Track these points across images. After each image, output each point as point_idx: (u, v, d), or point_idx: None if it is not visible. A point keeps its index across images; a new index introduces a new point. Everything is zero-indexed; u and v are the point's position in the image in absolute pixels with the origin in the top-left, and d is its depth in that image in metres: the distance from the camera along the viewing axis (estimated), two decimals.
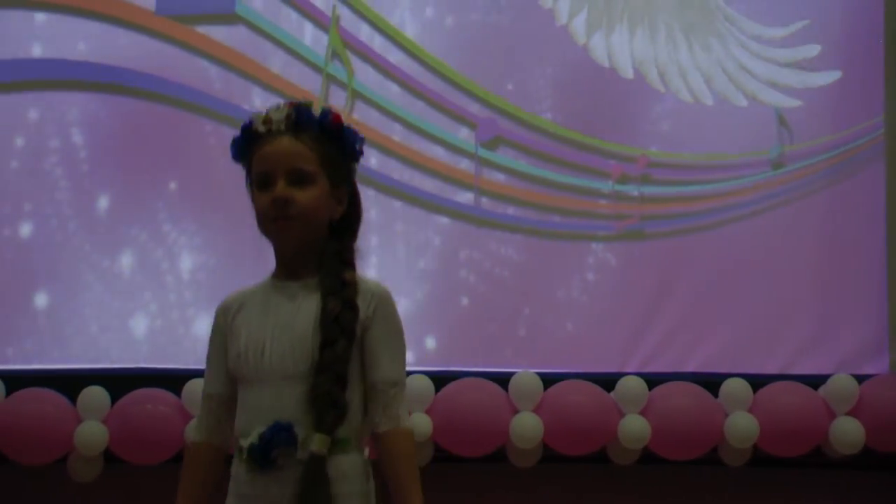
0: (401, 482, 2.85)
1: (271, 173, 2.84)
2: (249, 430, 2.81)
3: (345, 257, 2.91)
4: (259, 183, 2.87)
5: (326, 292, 2.84)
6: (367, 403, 2.86)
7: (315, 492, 2.76)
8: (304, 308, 2.85)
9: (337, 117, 2.94)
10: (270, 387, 2.82)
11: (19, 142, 5.24)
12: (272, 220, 2.84)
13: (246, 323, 2.89)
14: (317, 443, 2.75)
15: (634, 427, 5.12)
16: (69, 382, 5.02)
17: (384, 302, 2.92)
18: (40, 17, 5.30)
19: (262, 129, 2.89)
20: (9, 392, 4.99)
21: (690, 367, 5.43)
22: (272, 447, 2.77)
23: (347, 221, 2.95)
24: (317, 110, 2.93)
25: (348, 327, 2.82)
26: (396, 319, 2.93)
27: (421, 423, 5.04)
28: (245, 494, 2.82)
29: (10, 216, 5.21)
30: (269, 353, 2.84)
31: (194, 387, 4.79)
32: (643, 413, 5.17)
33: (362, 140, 2.99)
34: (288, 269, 2.91)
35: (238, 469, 2.84)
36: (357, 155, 2.98)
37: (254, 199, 2.89)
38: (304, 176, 2.85)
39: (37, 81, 5.27)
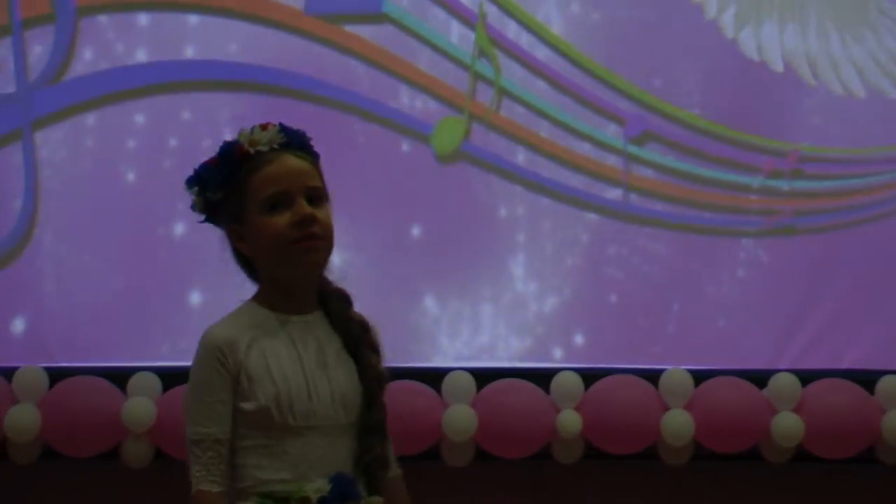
0: None
1: (287, 193, 2.67)
2: (300, 480, 2.65)
3: (344, 294, 2.79)
4: (269, 206, 2.67)
5: (354, 342, 2.74)
6: None
7: None
8: (332, 352, 2.73)
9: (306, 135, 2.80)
10: (322, 436, 2.67)
11: (172, 142, 5.31)
12: (294, 243, 2.66)
13: (273, 364, 2.68)
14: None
15: (788, 425, 5.06)
16: None
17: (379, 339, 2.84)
18: (193, 19, 5.37)
19: (251, 150, 2.71)
20: (165, 389, 5.07)
21: (845, 364, 5.34)
22: (345, 502, 2.65)
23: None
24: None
25: (384, 378, 2.75)
26: None
27: (571, 420, 5.03)
28: None
29: (165, 215, 5.28)
30: (316, 400, 2.67)
31: None
32: (796, 410, 5.10)
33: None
34: (291, 302, 2.74)
35: None
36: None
37: (257, 225, 2.69)
38: (319, 193, 2.72)
39: (189, 82, 5.34)
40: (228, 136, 5.13)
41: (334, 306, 2.76)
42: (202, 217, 2.84)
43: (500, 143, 5.39)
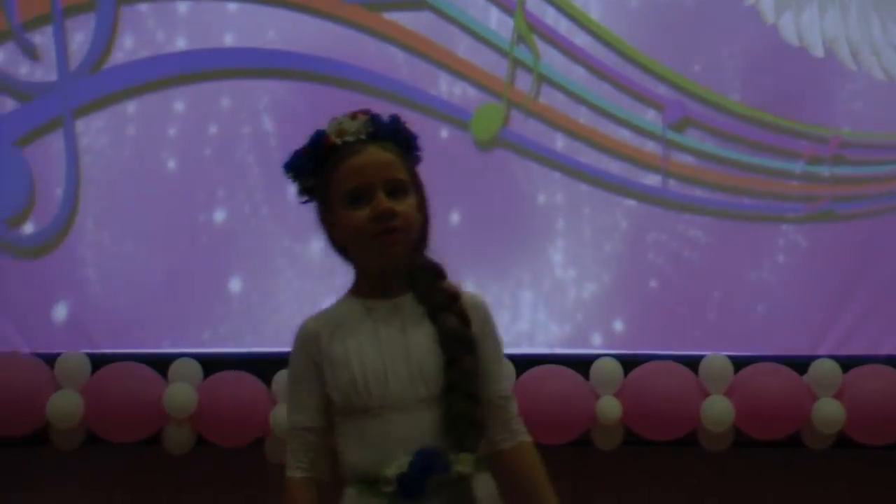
0: (539, 492, 2.82)
1: (367, 186, 2.73)
2: (384, 461, 2.70)
3: (433, 267, 2.84)
4: (351, 199, 2.74)
5: (436, 308, 2.77)
6: (484, 419, 2.78)
7: None
8: (413, 328, 2.77)
9: (406, 124, 2.84)
10: (401, 413, 2.72)
11: (213, 129, 5.33)
12: (373, 236, 2.72)
13: (352, 348, 2.76)
14: (463, 463, 2.70)
15: (829, 411, 5.04)
16: (263, 366, 5.10)
17: (489, 314, 2.87)
18: (232, 6, 5.39)
19: (338, 141, 2.77)
20: (206, 375, 5.09)
21: (885, 350, 5.31)
22: (428, 474, 2.67)
23: (422, 232, 2.85)
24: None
25: (469, 341, 2.76)
26: (498, 331, 2.88)
27: (610, 406, 5.03)
28: None
29: (205, 203, 5.31)
30: (392, 380, 2.73)
31: None
32: (837, 397, 5.08)
33: (420, 147, 2.87)
34: (377, 288, 2.81)
35: (370, 502, 2.73)
36: (419, 160, 2.87)
37: (340, 217, 2.77)
38: (401, 185, 2.76)
39: (229, 70, 5.36)
40: (268, 124, 5.26)
41: (421, 282, 2.81)
42: (304, 199, 2.90)
43: (538, 129, 5.39)
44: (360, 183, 2.73)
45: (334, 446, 2.83)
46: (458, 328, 2.75)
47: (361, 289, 2.83)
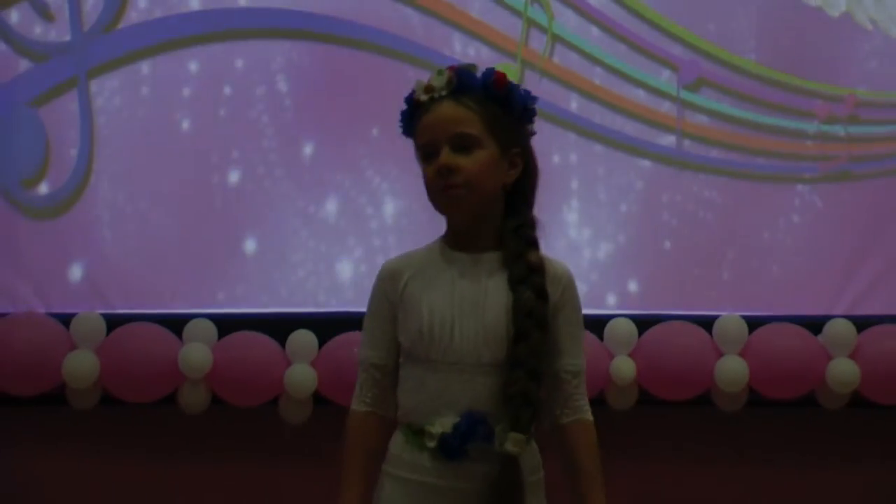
0: (587, 474, 2.84)
1: (434, 143, 2.79)
2: (433, 415, 2.74)
3: (526, 234, 2.85)
4: (424, 155, 2.82)
5: (515, 279, 2.78)
6: (547, 391, 2.82)
7: (510, 492, 2.73)
8: (491, 290, 2.78)
9: (501, 76, 2.84)
10: (460, 373, 2.74)
11: (227, 90, 5.33)
12: (440, 191, 2.78)
13: (426, 297, 2.79)
14: (513, 443, 2.71)
15: (843, 371, 5.04)
16: (278, 326, 5.11)
17: (571, 287, 2.89)
18: None
19: (424, 97, 2.81)
20: (220, 336, 5.10)
21: None
22: (469, 440, 2.70)
23: (522, 187, 2.89)
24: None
25: (542, 320, 2.77)
26: (580, 305, 2.91)
27: (625, 366, 5.04)
28: (430, 484, 2.76)
29: (219, 164, 5.31)
30: (458, 337, 2.75)
31: None
32: (852, 356, 5.08)
33: (534, 99, 2.90)
34: (462, 240, 2.84)
35: (416, 455, 2.77)
36: (529, 115, 2.89)
37: (422, 173, 2.84)
38: (469, 140, 2.77)
39: (242, 31, 5.35)
40: (282, 85, 5.26)
41: (510, 245, 2.83)
42: None
43: (553, 89, 5.37)
44: (427, 139, 2.81)
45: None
46: (534, 304, 2.76)
47: (449, 238, 2.88)
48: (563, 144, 5.37)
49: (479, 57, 5.34)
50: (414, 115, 2.85)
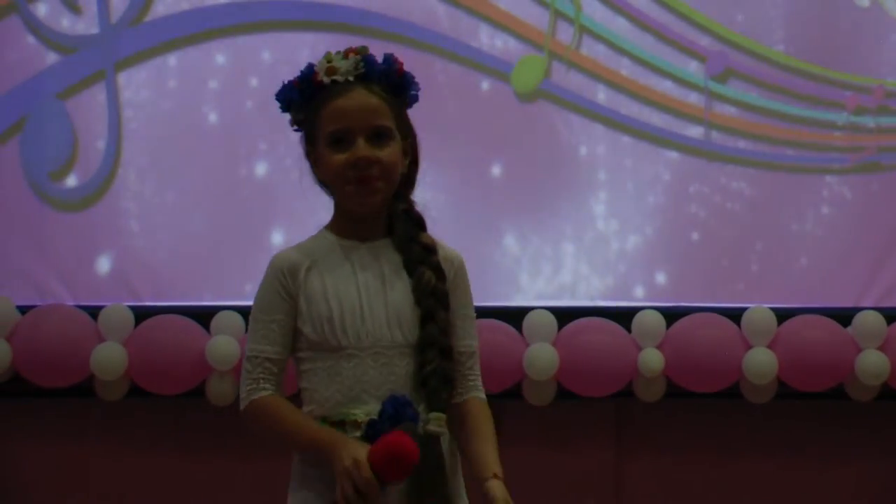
0: (484, 435, 2.77)
1: (349, 131, 2.72)
2: (353, 404, 2.69)
3: (415, 216, 2.82)
4: (333, 141, 2.74)
5: (414, 260, 2.76)
6: None
7: (433, 472, 2.68)
8: (390, 274, 2.76)
9: (400, 64, 2.83)
10: (375, 358, 2.71)
11: (254, 82, 5.33)
12: (350, 182, 2.73)
13: (330, 286, 2.74)
14: (434, 422, 2.69)
15: (873, 362, 5.02)
16: None
17: (463, 269, 2.84)
18: None
19: (326, 79, 2.77)
20: (248, 328, 5.10)
21: None
22: (396, 424, 2.65)
23: (408, 176, 2.84)
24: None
25: (445, 298, 2.75)
26: (470, 287, 2.85)
27: (653, 358, 5.03)
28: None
29: (246, 156, 5.32)
30: (370, 321, 2.71)
31: None
32: (882, 348, 5.06)
33: (418, 86, 2.86)
34: (356, 230, 2.80)
35: None
36: (413, 101, 2.85)
37: (322, 156, 2.77)
38: (384, 132, 2.74)
39: (269, 22, 5.35)
40: None
41: (400, 229, 2.80)
42: (295, 129, 2.89)
43: (580, 81, 5.36)
44: (342, 126, 2.73)
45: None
46: (434, 283, 2.75)
47: (340, 227, 2.83)
48: (591, 136, 5.35)
49: (507, 48, 5.34)
50: (314, 97, 2.78)
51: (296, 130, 2.88)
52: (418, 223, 2.83)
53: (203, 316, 5.13)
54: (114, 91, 5.28)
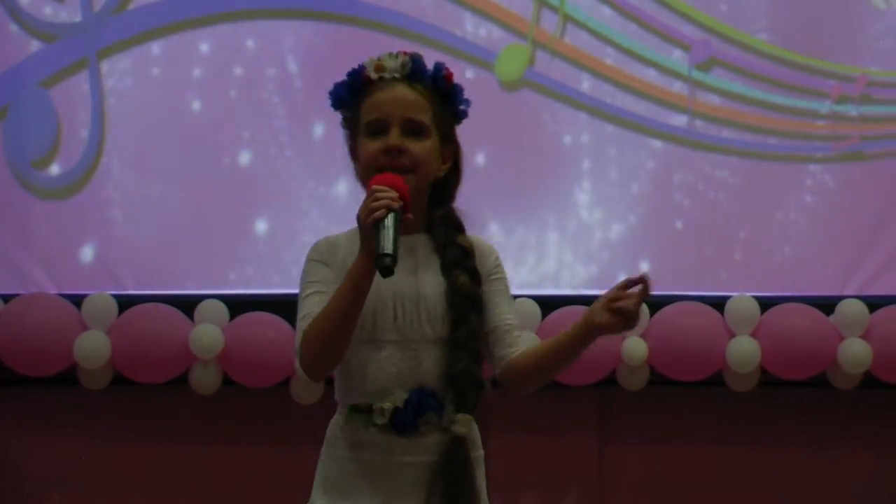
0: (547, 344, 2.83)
1: (385, 120, 2.77)
2: (381, 393, 2.72)
3: (454, 221, 2.86)
4: (370, 131, 2.78)
5: (449, 263, 2.79)
6: (489, 349, 2.82)
7: (457, 471, 2.72)
8: (424, 273, 2.79)
9: (450, 74, 2.87)
10: (406, 350, 2.74)
11: (237, 71, 5.33)
12: (380, 170, 2.74)
13: None
14: (461, 424, 2.72)
15: (855, 351, 5.03)
16: (289, 307, 5.08)
17: (499, 260, 2.89)
18: None
19: (374, 75, 2.81)
20: (232, 317, 5.11)
21: None
22: (420, 414, 2.71)
23: (449, 183, 2.89)
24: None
25: (478, 302, 2.78)
26: (507, 276, 2.91)
27: (636, 346, 5.03)
28: (374, 461, 2.75)
29: (230, 144, 5.31)
30: (401, 315, 2.75)
31: None
32: (864, 337, 5.07)
33: (469, 102, 2.91)
34: None
35: (362, 432, 2.74)
36: (463, 116, 2.91)
37: (360, 147, 2.81)
38: (419, 127, 2.79)
39: (254, 11, 5.34)
40: (293, 65, 5.25)
41: (440, 230, 2.83)
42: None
43: (564, 70, 5.36)
44: (379, 115, 2.78)
45: None
46: (469, 287, 2.78)
47: None
48: (575, 124, 5.36)
49: (491, 37, 5.34)
50: (358, 91, 2.84)
51: (345, 129, 2.91)
52: (457, 227, 2.86)
53: (187, 304, 5.13)
54: (97, 79, 5.27)
